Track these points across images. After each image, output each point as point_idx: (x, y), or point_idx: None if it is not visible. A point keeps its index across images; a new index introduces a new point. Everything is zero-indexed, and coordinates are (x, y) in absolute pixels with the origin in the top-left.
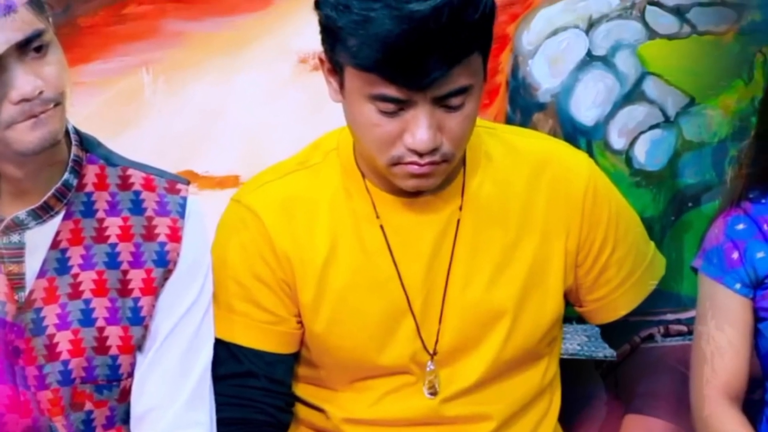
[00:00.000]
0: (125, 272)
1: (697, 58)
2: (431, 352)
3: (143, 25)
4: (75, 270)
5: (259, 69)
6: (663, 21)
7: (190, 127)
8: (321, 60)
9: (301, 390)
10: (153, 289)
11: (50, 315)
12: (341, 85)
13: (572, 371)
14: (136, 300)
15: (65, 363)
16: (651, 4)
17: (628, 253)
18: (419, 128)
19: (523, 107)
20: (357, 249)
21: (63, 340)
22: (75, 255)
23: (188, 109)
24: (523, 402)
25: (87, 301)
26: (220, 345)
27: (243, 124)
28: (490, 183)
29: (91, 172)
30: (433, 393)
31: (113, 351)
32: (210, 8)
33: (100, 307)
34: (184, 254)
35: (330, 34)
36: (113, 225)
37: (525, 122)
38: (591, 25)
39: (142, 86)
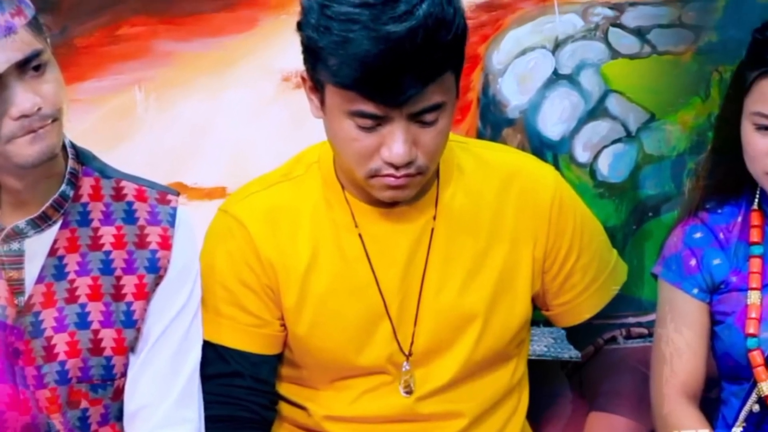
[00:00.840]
0: (119, 278)
1: (657, 77)
2: (407, 353)
3: (136, 46)
4: (71, 276)
5: (244, 87)
6: (625, 42)
7: (179, 142)
8: (303, 78)
9: (284, 389)
10: (145, 294)
11: (48, 318)
12: (322, 102)
13: (539, 371)
14: (129, 304)
15: (62, 363)
16: (613, 25)
17: (592, 260)
18: (395, 143)
19: (494, 123)
20: (337, 256)
21: (60, 342)
22: (71, 262)
23: (178, 125)
24: (493, 400)
25: (83, 306)
26: (208, 346)
27: (229, 138)
28: (462, 194)
29: (86, 184)
30: (409, 392)
31: (107, 352)
32: (198, 29)
33: (95, 311)
34: (174, 261)
35: (311, 54)
36: (107, 234)
37: (495, 137)
38: (557, 46)
39: (135, 103)
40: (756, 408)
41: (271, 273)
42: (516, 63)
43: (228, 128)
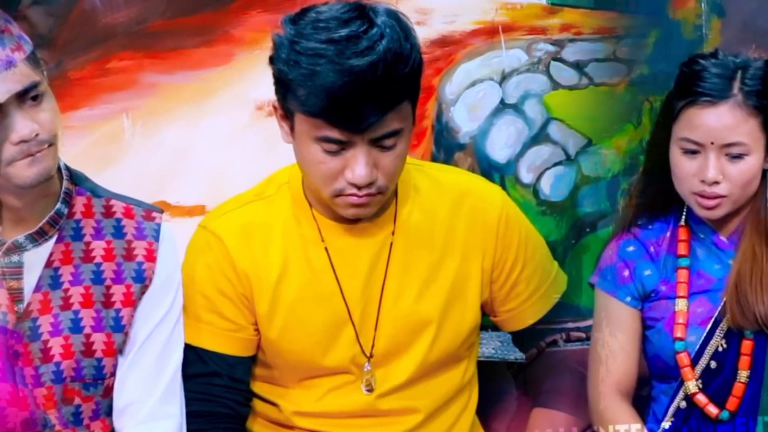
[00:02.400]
0: (108, 287)
1: (594, 106)
2: (368, 355)
3: (124, 78)
4: (66, 285)
5: (222, 115)
6: (565, 74)
7: (163, 164)
8: (275, 107)
9: (257, 387)
10: (132, 302)
11: (45, 324)
12: (292, 129)
13: (488, 371)
14: (118, 311)
15: (57, 364)
16: (555, 59)
17: (535, 271)
18: (358, 165)
19: (446, 147)
20: (305, 267)
21: (56, 345)
22: (66, 273)
23: (162, 149)
24: (446, 397)
25: (76, 312)
26: (189, 349)
27: (208, 161)
28: (418, 211)
29: (79, 203)
30: (370, 390)
31: (98, 354)
32: (180, 63)
33: (87, 317)
34: (158, 272)
35: (282, 85)
36: (98, 247)
37: (448, 160)
38: (504, 78)
39: (123, 130)
40: (683, 404)
41: (246, 283)
42: (466, 93)
43: (207, 152)
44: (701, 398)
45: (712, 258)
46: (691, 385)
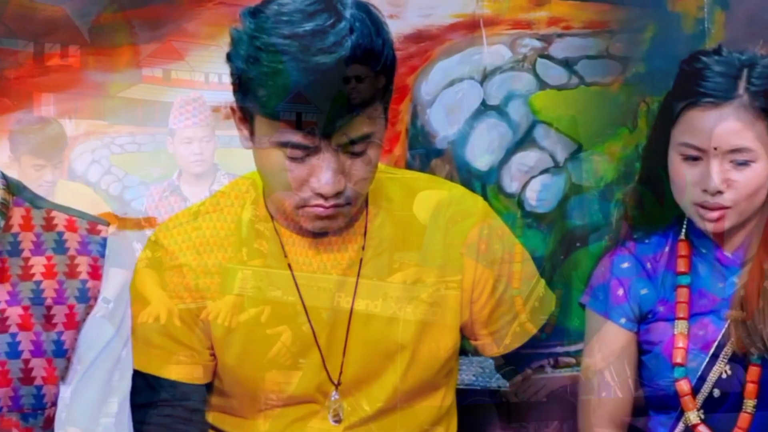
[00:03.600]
0: (49, 308)
1: (585, 108)
2: (336, 382)
3: (66, 77)
4: (2, 305)
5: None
6: (553, 72)
7: None
8: (232, 109)
9: (213, 418)
10: (75, 324)
11: None
12: (251, 133)
13: (468, 400)
14: (60, 334)
15: None
16: (541, 56)
17: (520, 290)
18: (324, 173)
19: (422, 153)
20: (266, 286)
21: None
22: (2, 291)
23: None
24: (421, 429)
25: (13, 335)
26: (138, 376)
27: None
28: (390, 225)
29: (17, 214)
30: (338, 420)
31: (38, 381)
32: (128, 60)
33: (26, 341)
34: (104, 291)
35: (241, 85)
36: (38, 264)
37: (423, 167)
38: (485, 77)
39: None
40: None
41: (201, 303)
42: (444, 94)
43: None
44: (703, 430)
45: (715, 275)
46: (692, 416)
